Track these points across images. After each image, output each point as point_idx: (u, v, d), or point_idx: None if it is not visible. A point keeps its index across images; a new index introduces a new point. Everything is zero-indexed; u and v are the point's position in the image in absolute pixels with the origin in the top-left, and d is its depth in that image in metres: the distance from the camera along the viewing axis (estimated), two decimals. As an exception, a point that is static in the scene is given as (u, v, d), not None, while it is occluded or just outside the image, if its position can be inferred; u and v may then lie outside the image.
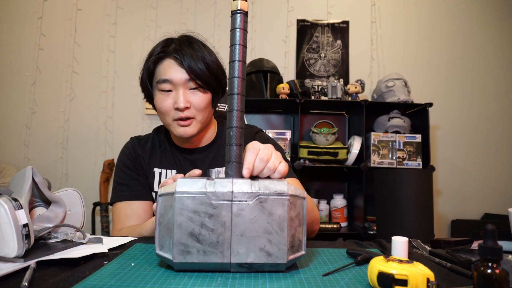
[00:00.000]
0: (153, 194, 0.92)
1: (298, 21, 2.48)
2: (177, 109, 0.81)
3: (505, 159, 2.46)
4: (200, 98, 0.83)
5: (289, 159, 1.07)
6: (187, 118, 0.82)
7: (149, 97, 0.89)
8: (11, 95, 2.37)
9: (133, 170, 0.92)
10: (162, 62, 0.83)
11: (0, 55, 2.39)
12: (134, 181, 0.91)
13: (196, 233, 0.48)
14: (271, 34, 2.47)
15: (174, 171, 0.92)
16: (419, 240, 0.72)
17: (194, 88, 0.83)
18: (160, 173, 0.92)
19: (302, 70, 2.45)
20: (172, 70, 0.82)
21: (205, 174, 0.90)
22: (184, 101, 0.81)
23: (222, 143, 0.96)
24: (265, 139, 0.97)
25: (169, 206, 0.49)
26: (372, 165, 2.08)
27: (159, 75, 0.83)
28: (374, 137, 2.10)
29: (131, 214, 0.88)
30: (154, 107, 0.89)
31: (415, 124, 2.22)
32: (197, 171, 0.61)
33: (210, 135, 0.95)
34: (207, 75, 0.82)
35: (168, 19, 2.44)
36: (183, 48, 0.83)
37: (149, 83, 0.87)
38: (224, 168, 0.54)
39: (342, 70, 2.45)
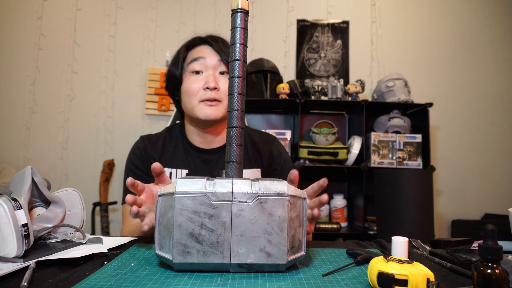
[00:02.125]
0: None
1: (298, 21, 2.48)
2: (207, 88, 0.85)
3: (505, 159, 2.46)
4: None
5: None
6: (214, 100, 0.85)
7: (175, 85, 0.92)
8: (11, 95, 2.37)
9: (143, 171, 0.91)
10: (196, 48, 0.90)
11: (0, 55, 2.39)
12: (142, 182, 0.92)
13: (196, 234, 0.48)
14: (271, 34, 2.47)
15: (185, 171, 0.91)
16: (419, 240, 0.72)
17: (222, 73, 0.87)
18: (171, 173, 0.91)
19: (302, 70, 2.45)
20: (205, 52, 0.88)
21: (218, 175, 0.91)
22: (215, 81, 0.85)
23: None
24: (281, 147, 1.02)
25: (169, 206, 0.49)
26: (372, 165, 2.08)
27: (190, 57, 0.88)
28: (374, 137, 2.10)
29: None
30: (175, 99, 0.94)
31: (415, 124, 2.22)
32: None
33: (225, 135, 0.96)
34: None
35: (168, 19, 2.44)
36: (216, 38, 0.90)
37: (178, 70, 0.91)
38: None
39: (342, 70, 2.45)
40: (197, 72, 0.87)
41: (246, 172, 0.93)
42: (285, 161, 0.98)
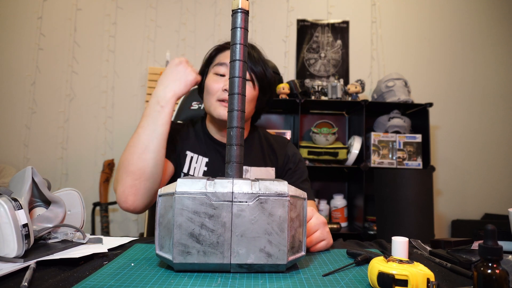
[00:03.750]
0: (182, 174, 0.92)
1: (298, 21, 2.48)
2: (225, 90, 0.86)
3: (505, 159, 2.46)
4: (249, 90, 0.89)
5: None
6: None
7: (202, 83, 0.96)
8: (11, 95, 2.37)
9: (170, 135, 0.92)
10: (224, 51, 0.92)
11: (0, 55, 2.39)
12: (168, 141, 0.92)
13: (196, 234, 0.48)
14: (271, 34, 2.47)
15: (206, 159, 0.94)
16: (419, 240, 0.72)
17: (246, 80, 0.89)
18: (192, 157, 0.94)
19: (302, 70, 2.45)
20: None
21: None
22: None
23: (252, 144, 0.99)
24: (295, 148, 1.06)
25: (169, 207, 0.49)
26: (372, 165, 2.08)
27: (217, 60, 0.92)
28: (374, 137, 2.10)
29: None
30: (200, 92, 0.97)
31: (415, 124, 2.22)
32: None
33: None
34: (262, 73, 0.91)
35: (168, 19, 2.44)
36: (249, 45, 0.92)
37: (205, 69, 0.95)
38: (244, 167, 0.55)
39: (342, 70, 2.45)
40: (222, 75, 0.90)
41: (261, 170, 0.96)
42: (299, 161, 1.02)
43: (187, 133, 0.98)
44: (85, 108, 2.38)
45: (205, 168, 0.93)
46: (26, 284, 0.43)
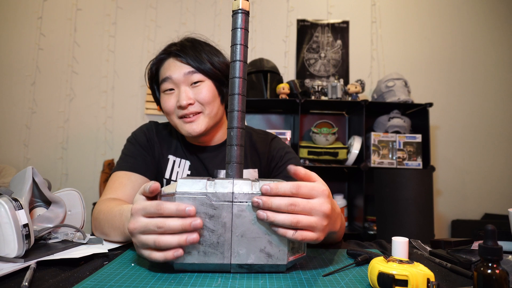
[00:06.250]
0: (164, 180, 0.90)
1: (298, 21, 2.48)
2: (180, 107, 0.81)
3: (505, 159, 2.46)
4: (204, 91, 0.81)
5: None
6: (192, 114, 0.82)
7: (158, 102, 0.91)
8: (11, 95, 2.37)
9: (144, 149, 0.90)
10: (163, 64, 0.85)
11: (0, 55, 2.38)
12: (141, 157, 0.88)
13: (196, 234, 0.48)
14: (271, 34, 2.47)
15: (188, 162, 0.91)
16: (419, 241, 0.72)
17: (196, 83, 0.82)
18: (174, 161, 0.91)
19: (302, 70, 2.45)
20: (171, 68, 0.82)
21: (213, 175, 0.90)
22: (186, 97, 0.80)
23: None
24: (281, 143, 0.96)
25: (170, 207, 0.49)
26: (372, 165, 2.08)
27: (161, 75, 0.85)
28: (374, 137, 2.10)
29: (127, 183, 0.82)
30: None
31: (415, 124, 2.22)
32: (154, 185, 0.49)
33: (221, 135, 0.93)
34: (211, 69, 0.82)
35: (168, 19, 2.44)
36: (184, 47, 0.85)
37: (156, 88, 0.88)
38: None
39: (342, 70, 2.45)
40: (171, 89, 0.83)
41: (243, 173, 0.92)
42: (286, 153, 0.94)
43: (169, 135, 0.94)
44: (85, 108, 2.38)
45: (189, 172, 0.89)
46: (26, 284, 0.43)
